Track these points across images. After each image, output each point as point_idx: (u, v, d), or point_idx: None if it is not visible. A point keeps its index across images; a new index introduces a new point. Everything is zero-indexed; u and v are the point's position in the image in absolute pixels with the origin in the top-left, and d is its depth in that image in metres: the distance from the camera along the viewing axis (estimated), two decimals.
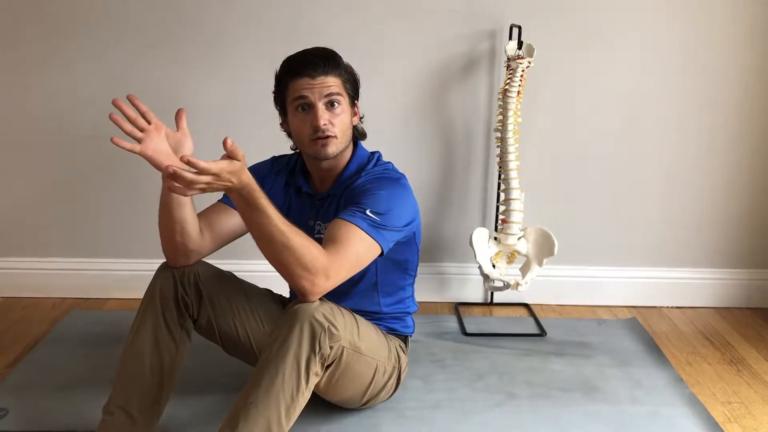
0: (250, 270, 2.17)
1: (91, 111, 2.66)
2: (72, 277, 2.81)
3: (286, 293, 2.02)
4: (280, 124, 1.90)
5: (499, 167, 2.49)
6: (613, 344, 2.46)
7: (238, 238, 1.87)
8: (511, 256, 2.48)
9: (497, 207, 2.68)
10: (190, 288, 1.78)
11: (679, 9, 2.64)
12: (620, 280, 2.83)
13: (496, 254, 2.46)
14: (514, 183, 2.44)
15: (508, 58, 2.45)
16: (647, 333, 2.56)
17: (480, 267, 2.42)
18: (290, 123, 1.84)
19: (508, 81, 2.43)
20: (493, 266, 2.45)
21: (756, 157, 2.75)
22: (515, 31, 2.53)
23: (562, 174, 2.75)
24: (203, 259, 1.83)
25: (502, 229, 2.45)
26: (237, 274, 1.92)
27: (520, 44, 2.46)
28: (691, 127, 2.72)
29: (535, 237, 2.43)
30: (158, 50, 2.64)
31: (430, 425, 1.95)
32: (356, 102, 1.88)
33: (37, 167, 2.74)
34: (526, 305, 2.81)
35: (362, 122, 1.94)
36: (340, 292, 1.71)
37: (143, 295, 1.79)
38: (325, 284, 1.57)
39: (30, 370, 2.21)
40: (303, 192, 1.92)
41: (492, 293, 2.83)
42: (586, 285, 2.83)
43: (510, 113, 2.42)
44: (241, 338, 1.87)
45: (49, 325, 2.55)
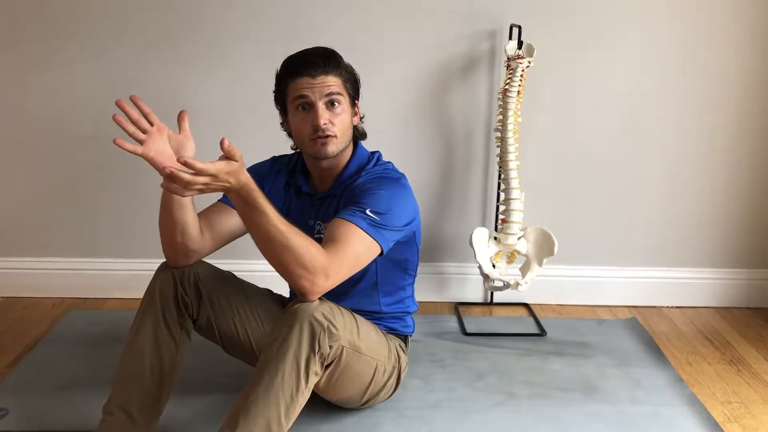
0: (250, 270, 2.17)
1: (91, 111, 2.67)
2: (72, 276, 2.81)
3: (286, 293, 2.02)
4: (281, 124, 1.90)
5: (499, 167, 2.49)
6: (613, 344, 2.46)
7: (238, 237, 1.87)
8: (511, 255, 2.48)
9: (497, 207, 2.68)
10: (189, 288, 1.78)
11: (679, 9, 2.64)
12: (620, 280, 2.83)
13: (496, 254, 2.46)
14: (514, 183, 2.44)
15: (508, 58, 2.45)
16: (647, 333, 2.56)
17: (480, 267, 2.42)
18: (290, 122, 1.84)
19: (508, 81, 2.43)
20: (493, 266, 2.44)
21: (756, 157, 2.75)
22: (515, 31, 2.53)
23: (562, 174, 2.75)
24: (203, 258, 1.83)
25: (502, 228, 2.45)
26: (237, 274, 1.92)
27: (520, 44, 2.46)
28: (691, 127, 2.72)
29: (535, 237, 2.43)
30: (158, 50, 2.64)
31: (430, 425, 1.94)
32: (356, 102, 1.88)
33: (37, 167, 2.74)
34: (526, 305, 2.81)
35: (362, 122, 1.94)
36: (340, 291, 1.71)
37: (143, 295, 1.79)
38: (324, 284, 1.57)
39: (30, 370, 2.21)
40: (303, 192, 1.92)
41: (492, 293, 2.82)
42: (586, 285, 2.83)
43: (510, 113, 2.42)
44: (241, 338, 1.87)
45: (48, 325, 2.55)
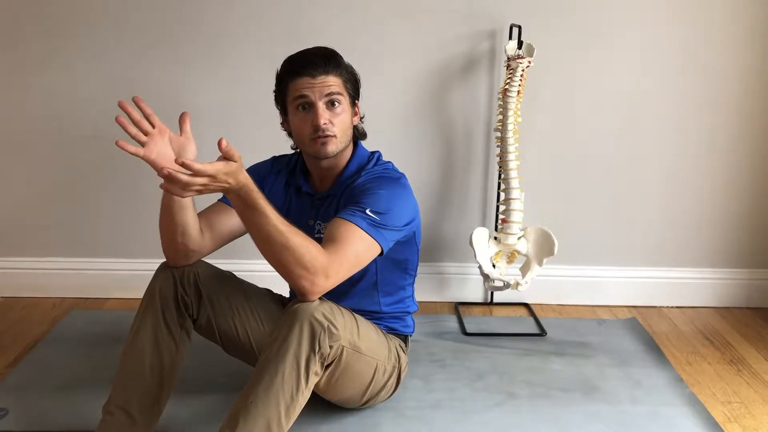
0: (250, 270, 2.17)
1: (91, 111, 2.67)
2: (72, 276, 2.81)
3: (286, 293, 2.01)
4: (281, 124, 1.90)
5: (499, 167, 2.49)
6: (613, 344, 2.46)
7: (238, 237, 1.87)
8: (511, 255, 2.48)
9: (497, 207, 2.68)
10: (189, 288, 1.78)
11: (679, 9, 2.64)
12: (620, 279, 2.83)
13: (496, 254, 2.46)
14: (514, 183, 2.44)
15: (508, 58, 2.45)
16: (647, 333, 2.56)
17: (480, 267, 2.42)
18: (291, 122, 1.84)
19: (508, 81, 2.43)
20: (493, 266, 2.44)
21: (756, 157, 2.75)
22: (515, 30, 2.53)
23: (562, 174, 2.75)
24: (203, 258, 1.83)
25: (502, 228, 2.45)
26: (237, 274, 1.92)
27: (520, 44, 2.45)
28: (691, 127, 2.72)
29: (535, 237, 2.43)
30: (158, 50, 2.64)
31: (430, 425, 1.94)
32: (357, 102, 1.88)
33: (37, 167, 2.74)
34: (526, 305, 2.81)
35: (362, 122, 1.94)
36: (340, 291, 1.71)
37: (143, 295, 1.79)
38: (324, 283, 1.57)
39: (30, 370, 2.21)
40: (303, 192, 1.92)
41: (492, 293, 2.82)
42: (586, 285, 2.83)
43: (510, 113, 2.42)
44: (241, 338, 1.87)
45: (49, 325, 2.55)
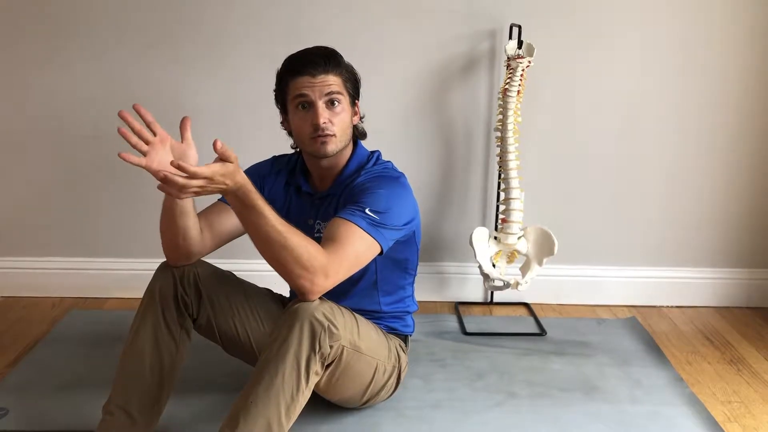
0: (250, 270, 2.17)
1: (91, 111, 2.67)
2: (72, 276, 2.81)
3: (286, 293, 2.01)
4: (281, 123, 1.90)
5: (499, 167, 2.49)
6: (613, 344, 2.46)
7: (238, 237, 1.87)
8: (511, 255, 2.48)
9: (497, 206, 2.68)
10: (189, 287, 1.78)
11: (679, 9, 2.64)
12: (620, 279, 2.83)
13: (496, 254, 2.46)
14: (514, 182, 2.44)
15: (508, 58, 2.45)
16: (647, 332, 2.56)
17: (480, 266, 2.42)
18: (290, 121, 1.84)
19: (508, 80, 2.43)
20: (493, 266, 2.44)
21: (756, 157, 2.75)
22: (515, 30, 2.53)
23: (562, 174, 2.75)
24: (203, 258, 1.83)
25: (502, 228, 2.45)
26: (237, 273, 1.92)
27: (520, 44, 2.45)
28: (691, 127, 2.72)
29: (535, 236, 2.43)
30: (158, 50, 2.64)
31: (430, 425, 1.94)
32: (357, 101, 1.88)
33: (37, 167, 2.74)
34: (526, 305, 2.81)
35: (362, 122, 1.94)
36: (340, 291, 1.71)
37: (143, 295, 1.79)
38: (324, 283, 1.57)
39: (30, 370, 2.21)
40: (303, 191, 1.92)
41: (492, 293, 2.82)
42: (586, 284, 2.83)
43: (510, 113, 2.42)
44: (241, 338, 1.86)
45: (48, 325, 2.55)
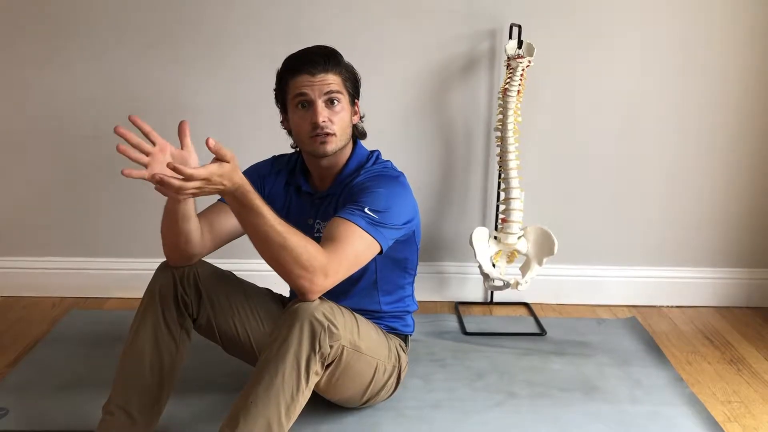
0: (250, 269, 2.17)
1: (91, 111, 2.67)
2: (72, 276, 2.81)
3: (286, 292, 2.01)
4: (281, 122, 1.90)
5: (499, 166, 2.49)
6: (613, 344, 2.46)
7: (238, 237, 1.87)
8: (511, 255, 2.48)
9: (497, 206, 2.68)
10: (189, 287, 1.78)
11: (679, 9, 2.64)
12: (620, 279, 2.83)
13: (496, 253, 2.46)
14: (514, 182, 2.44)
15: (508, 58, 2.45)
16: (647, 332, 2.56)
17: (480, 266, 2.42)
18: (290, 120, 1.84)
19: (508, 80, 2.43)
20: (493, 265, 2.44)
21: (756, 157, 2.75)
22: (515, 30, 2.53)
23: (562, 174, 2.75)
24: (203, 258, 1.83)
25: (502, 228, 2.45)
26: (237, 273, 1.92)
27: (520, 43, 2.45)
28: (691, 127, 2.72)
29: (535, 236, 2.43)
30: (158, 50, 2.64)
31: (430, 424, 1.94)
32: (357, 101, 1.88)
33: (37, 167, 2.74)
34: (526, 304, 2.81)
35: (362, 122, 1.94)
36: (340, 291, 1.71)
37: (143, 295, 1.79)
38: (324, 283, 1.57)
39: (30, 370, 2.21)
40: (303, 191, 1.92)
41: (492, 292, 2.82)
42: (586, 284, 2.83)
43: (510, 112, 2.42)
44: (241, 338, 1.86)
45: (48, 325, 2.55)
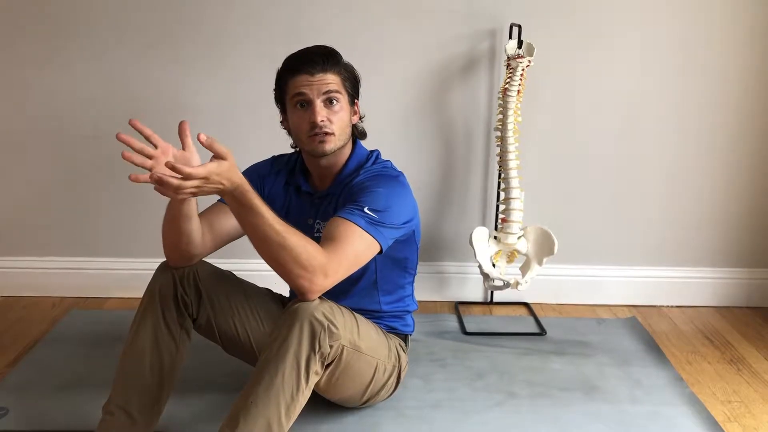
0: (250, 269, 2.17)
1: (91, 111, 2.67)
2: (72, 276, 2.81)
3: (286, 292, 2.01)
4: (281, 122, 1.90)
5: (499, 166, 2.49)
6: (613, 343, 2.46)
7: (238, 237, 1.87)
8: (511, 255, 2.48)
9: (497, 206, 2.68)
10: (189, 287, 1.78)
11: (679, 9, 2.64)
12: (620, 279, 2.83)
13: (496, 253, 2.46)
14: (514, 182, 2.44)
15: (508, 57, 2.45)
16: (647, 332, 2.56)
17: (480, 266, 2.42)
18: (289, 120, 1.84)
19: (508, 80, 2.43)
20: (493, 265, 2.44)
21: (756, 157, 2.75)
22: (515, 30, 2.53)
23: (562, 174, 2.75)
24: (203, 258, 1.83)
25: (502, 228, 2.45)
26: (237, 273, 1.92)
27: (520, 43, 2.45)
28: (691, 127, 2.72)
29: (535, 236, 2.43)
30: (158, 50, 2.64)
31: (430, 424, 1.94)
32: (356, 101, 1.88)
33: (37, 167, 2.74)
34: (526, 304, 2.81)
35: (362, 122, 1.94)
36: (340, 290, 1.71)
37: (143, 295, 1.79)
38: (323, 282, 1.57)
39: (30, 370, 2.21)
40: (303, 191, 1.92)
41: (492, 292, 2.82)
42: (586, 284, 2.83)
43: (510, 112, 2.42)
44: (241, 337, 1.86)
45: (48, 325, 2.55)
